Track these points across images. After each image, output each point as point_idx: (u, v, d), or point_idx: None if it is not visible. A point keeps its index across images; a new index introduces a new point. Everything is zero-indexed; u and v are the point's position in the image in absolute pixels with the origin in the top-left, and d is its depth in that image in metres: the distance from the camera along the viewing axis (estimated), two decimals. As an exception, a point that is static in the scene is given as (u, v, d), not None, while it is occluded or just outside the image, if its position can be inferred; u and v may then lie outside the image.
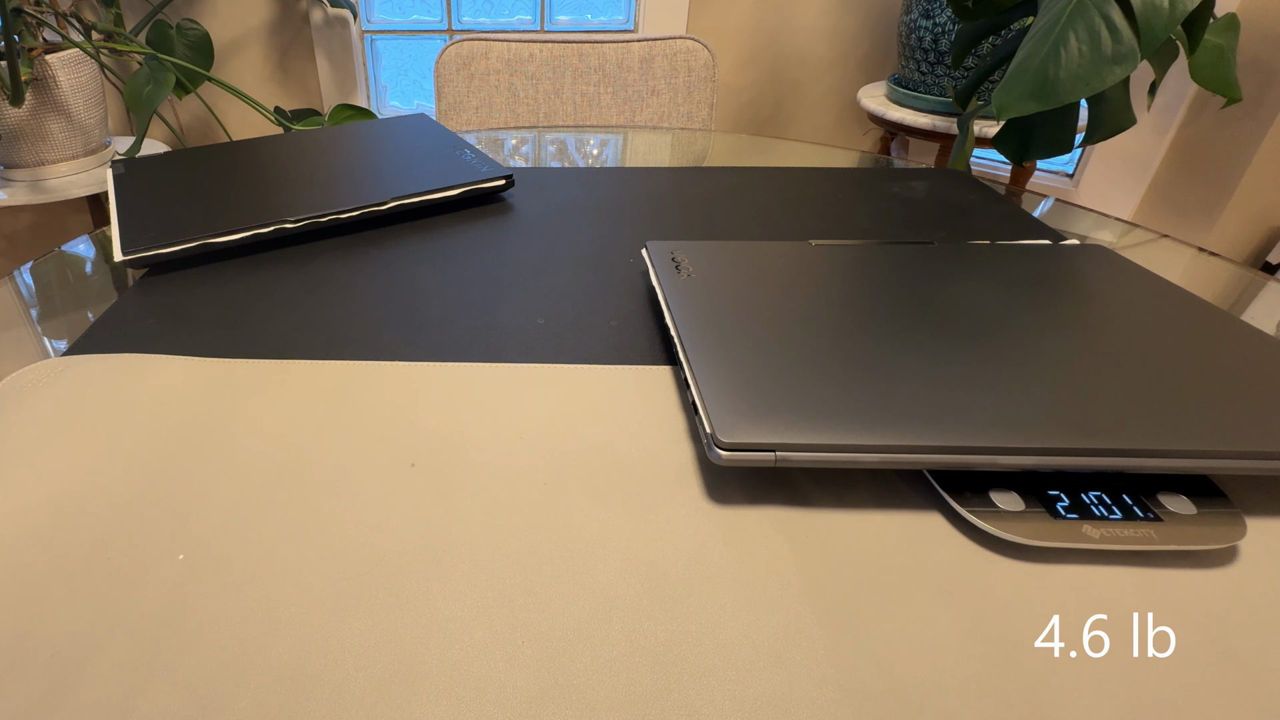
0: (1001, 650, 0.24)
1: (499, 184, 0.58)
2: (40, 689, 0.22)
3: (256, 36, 1.61)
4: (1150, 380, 0.31)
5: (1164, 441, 0.28)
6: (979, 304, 0.38)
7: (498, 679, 0.23)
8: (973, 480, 0.29)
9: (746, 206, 0.59)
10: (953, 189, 0.63)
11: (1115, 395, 0.30)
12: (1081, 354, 0.33)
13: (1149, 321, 0.36)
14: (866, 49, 1.64)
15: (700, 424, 0.29)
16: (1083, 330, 0.35)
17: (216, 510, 0.29)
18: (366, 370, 0.37)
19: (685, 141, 0.80)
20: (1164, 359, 0.33)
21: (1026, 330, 0.35)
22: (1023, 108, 0.76)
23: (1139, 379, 0.32)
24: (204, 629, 0.24)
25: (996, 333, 0.35)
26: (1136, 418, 0.29)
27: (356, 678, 0.23)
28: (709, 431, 0.29)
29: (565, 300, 0.45)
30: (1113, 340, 0.34)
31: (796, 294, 0.39)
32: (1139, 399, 0.30)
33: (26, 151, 1.31)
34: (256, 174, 0.57)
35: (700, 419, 0.30)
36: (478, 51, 1.03)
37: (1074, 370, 0.32)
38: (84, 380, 0.36)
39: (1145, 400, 0.30)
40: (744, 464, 0.28)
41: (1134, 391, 0.31)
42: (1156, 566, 0.27)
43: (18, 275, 0.49)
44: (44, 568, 0.26)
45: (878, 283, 0.40)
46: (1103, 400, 0.30)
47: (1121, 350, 0.34)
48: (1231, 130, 1.33)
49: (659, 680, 0.23)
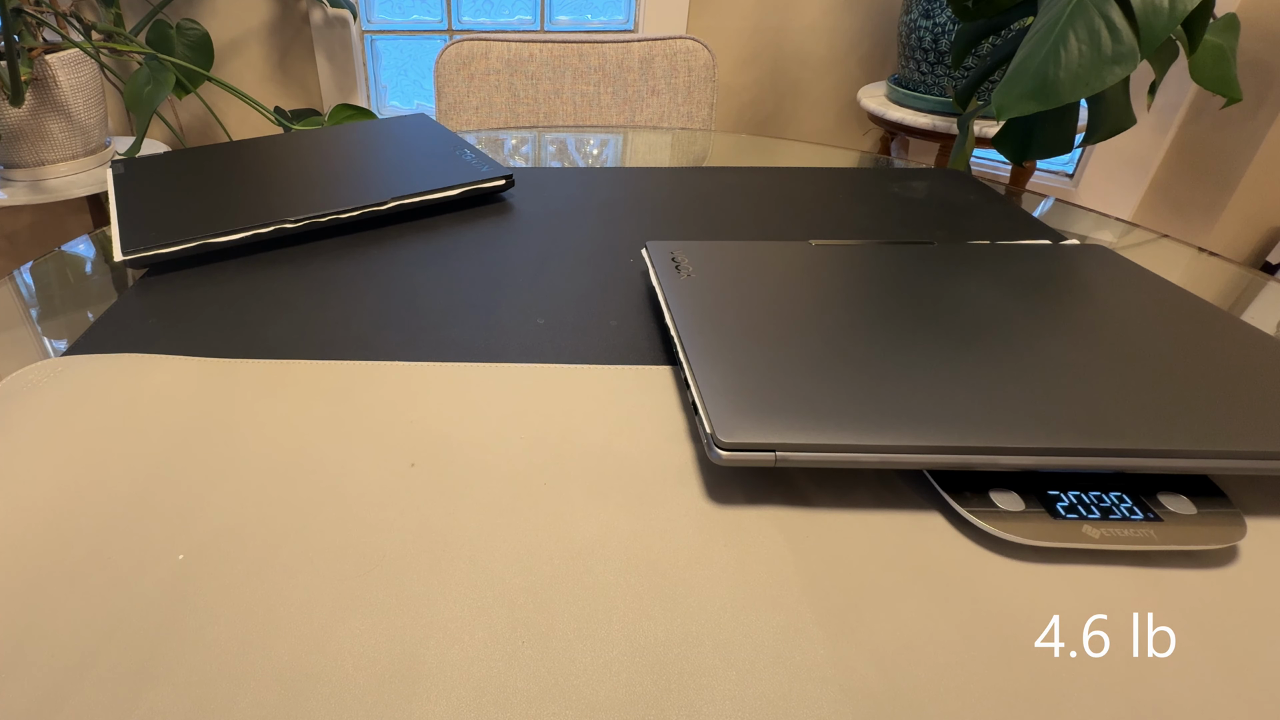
0: (1001, 650, 0.24)
1: (499, 184, 0.58)
2: (40, 689, 0.22)
3: (256, 36, 1.61)
4: (1150, 380, 0.31)
5: (1164, 442, 0.28)
6: (979, 304, 0.38)
7: (498, 679, 0.23)
8: (972, 480, 0.29)
9: (746, 206, 0.59)
10: (952, 189, 0.63)
11: (1116, 396, 0.30)
12: (1082, 354, 0.33)
13: (1148, 322, 0.36)
14: (866, 49, 1.64)
15: (700, 424, 0.29)
16: (1083, 330, 0.35)
17: (216, 510, 0.29)
18: (366, 370, 0.37)
19: (685, 141, 0.80)
20: (1163, 359, 0.33)
21: (1027, 330, 0.35)
22: (1023, 108, 0.76)
23: (1138, 379, 0.31)
24: (204, 629, 0.24)
25: (997, 332, 0.35)
26: (1136, 418, 0.29)
27: (356, 678, 0.23)
28: (709, 431, 0.29)
29: (565, 300, 0.45)
30: (1113, 340, 0.34)
31: (796, 294, 0.39)
32: (1139, 399, 0.30)
33: (26, 151, 1.31)
34: (256, 174, 0.57)
35: (700, 419, 0.30)
36: (478, 51, 1.03)
37: (1075, 370, 0.32)
38: (84, 380, 0.36)
39: (1145, 400, 0.30)
40: (744, 464, 0.28)
41: (1134, 392, 0.31)
42: (1157, 566, 0.27)
43: (18, 275, 0.49)
44: (44, 568, 0.26)
45: (878, 283, 0.40)
46: (1104, 400, 0.30)
47: (1121, 350, 0.34)
48: (1232, 130, 1.33)
49: (659, 680, 0.23)
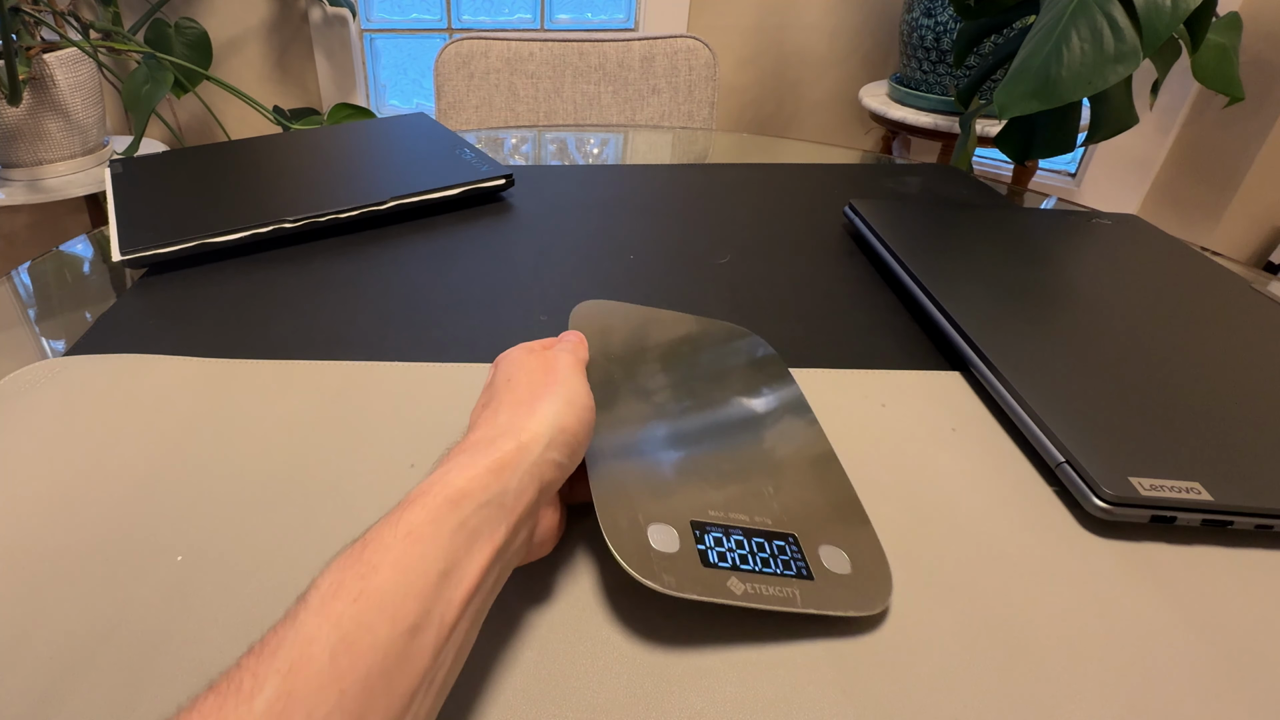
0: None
1: (499, 183, 0.58)
2: (40, 689, 0.22)
3: (255, 35, 1.60)
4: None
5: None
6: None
7: (498, 679, 0.23)
8: (630, 515, 0.29)
9: (748, 204, 0.59)
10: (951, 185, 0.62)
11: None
12: None
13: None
14: (868, 48, 1.63)
15: (1072, 474, 0.29)
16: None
17: (216, 510, 0.29)
18: (366, 370, 0.37)
19: (686, 140, 0.80)
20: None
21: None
22: (1025, 106, 0.76)
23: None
24: (204, 629, 0.24)
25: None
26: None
27: (356, 679, 0.22)
28: (1087, 481, 0.28)
29: (566, 297, 0.45)
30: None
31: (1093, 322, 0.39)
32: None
33: (24, 151, 1.31)
34: (255, 173, 0.57)
35: (1071, 469, 0.29)
36: (478, 50, 1.03)
37: None
38: (83, 380, 0.36)
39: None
40: (1130, 520, 0.28)
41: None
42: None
43: (15, 275, 0.49)
44: (44, 568, 0.26)
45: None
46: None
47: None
48: (1234, 129, 1.33)
49: (659, 680, 0.23)
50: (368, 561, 0.18)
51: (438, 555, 0.19)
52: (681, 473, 0.27)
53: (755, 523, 0.26)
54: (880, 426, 0.34)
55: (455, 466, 0.21)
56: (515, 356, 0.28)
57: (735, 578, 0.24)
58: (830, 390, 0.36)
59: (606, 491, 0.26)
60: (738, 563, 0.24)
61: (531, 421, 0.23)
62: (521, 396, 0.25)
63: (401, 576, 0.18)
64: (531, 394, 0.25)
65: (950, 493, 0.30)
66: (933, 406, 0.35)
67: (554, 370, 0.26)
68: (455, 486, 0.20)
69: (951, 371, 0.38)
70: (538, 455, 0.23)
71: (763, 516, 0.26)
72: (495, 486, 0.21)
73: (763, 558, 0.25)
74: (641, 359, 0.33)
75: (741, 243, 0.52)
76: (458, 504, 0.20)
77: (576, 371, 0.26)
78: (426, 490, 0.20)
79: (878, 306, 0.44)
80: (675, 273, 0.48)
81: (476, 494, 0.21)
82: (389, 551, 0.18)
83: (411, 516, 0.19)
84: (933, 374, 0.38)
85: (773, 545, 0.25)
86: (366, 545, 0.19)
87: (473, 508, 0.20)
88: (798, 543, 0.25)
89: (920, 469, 0.31)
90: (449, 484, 0.20)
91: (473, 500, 0.20)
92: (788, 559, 0.25)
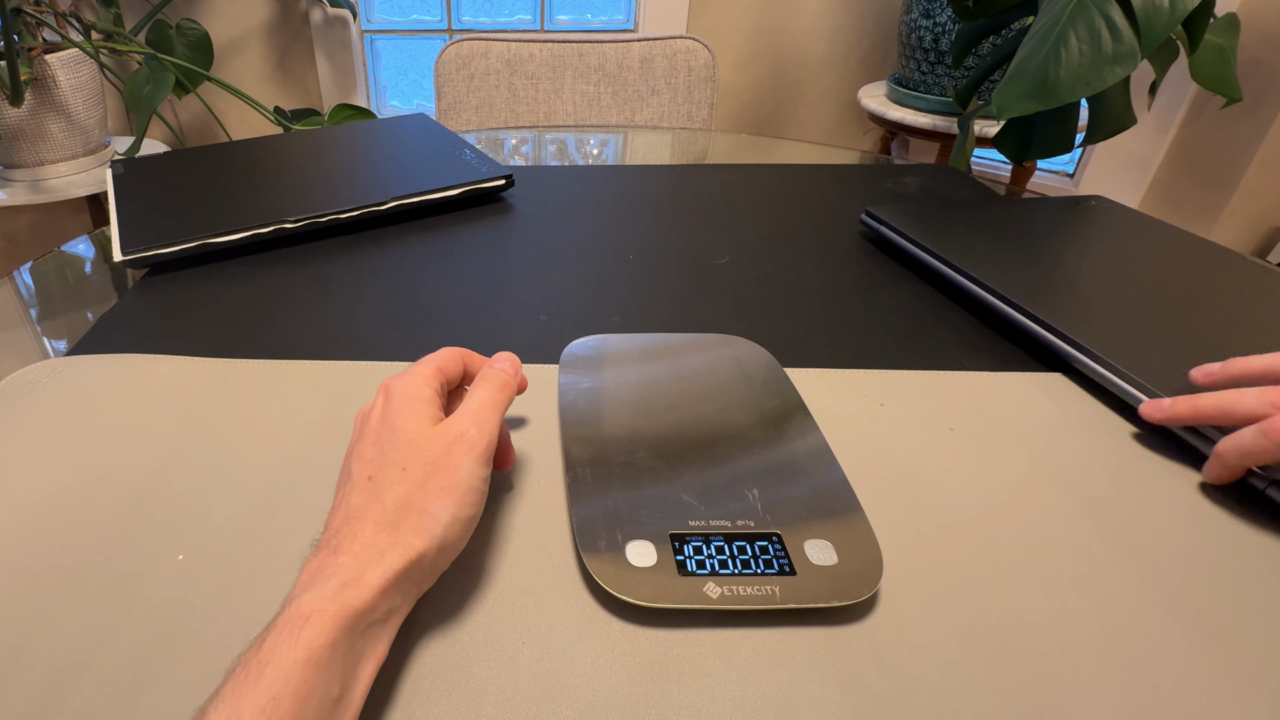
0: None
1: (499, 183, 0.58)
2: (40, 689, 0.22)
3: (256, 36, 1.60)
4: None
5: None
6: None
7: (498, 679, 0.23)
8: (609, 529, 0.29)
9: (747, 204, 0.59)
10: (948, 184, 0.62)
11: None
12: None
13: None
14: (867, 48, 1.64)
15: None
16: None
17: (216, 510, 0.29)
18: (366, 370, 0.37)
19: (685, 141, 0.80)
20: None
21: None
22: (1023, 107, 0.76)
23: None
24: (204, 629, 0.24)
25: None
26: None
27: (357, 677, 0.22)
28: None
29: (567, 297, 0.45)
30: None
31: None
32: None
33: (26, 151, 1.31)
34: (256, 174, 0.57)
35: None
36: (478, 51, 1.03)
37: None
38: (84, 380, 0.36)
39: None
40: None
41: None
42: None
43: (17, 275, 0.49)
44: (44, 568, 0.26)
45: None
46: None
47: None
48: (1232, 130, 1.33)
49: (659, 680, 0.23)
50: (266, 691, 0.18)
51: (333, 681, 0.19)
52: (665, 488, 0.28)
53: (737, 527, 0.27)
54: (881, 426, 0.34)
55: (352, 580, 0.21)
56: (407, 423, 0.25)
57: (713, 582, 0.25)
58: (830, 390, 0.36)
59: (587, 517, 0.27)
60: (716, 568, 0.25)
61: (425, 524, 0.23)
62: (410, 492, 0.23)
63: (300, 709, 0.18)
64: (423, 486, 0.23)
65: (949, 492, 0.30)
66: (933, 406, 0.35)
67: (451, 454, 0.24)
68: (351, 607, 0.20)
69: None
70: (427, 566, 0.23)
71: (745, 520, 0.27)
72: (384, 605, 0.21)
73: (743, 560, 0.25)
74: (629, 384, 0.34)
75: (741, 243, 0.52)
76: (353, 626, 0.20)
77: (475, 455, 0.24)
78: (322, 607, 0.20)
79: (879, 306, 0.45)
80: (674, 273, 0.48)
81: (369, 614, 0.20)
82: (289, 680, 0.18)
83: (310, 638, 0.19)
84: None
85: (754, 547, 0.26)
86: (264, 668, 0.18)
87: (364, 627, 0.20)
88: (781, 541, 0.26)
89: (918, 468, 0.32)
90: (345, 604, 0.20)
91: (366, 620, 0.20)
92: (770, 558, 0.25)
